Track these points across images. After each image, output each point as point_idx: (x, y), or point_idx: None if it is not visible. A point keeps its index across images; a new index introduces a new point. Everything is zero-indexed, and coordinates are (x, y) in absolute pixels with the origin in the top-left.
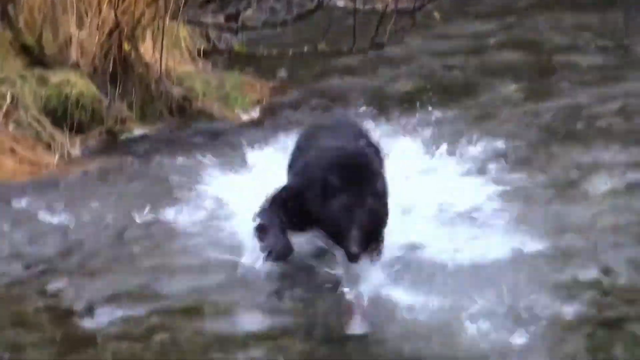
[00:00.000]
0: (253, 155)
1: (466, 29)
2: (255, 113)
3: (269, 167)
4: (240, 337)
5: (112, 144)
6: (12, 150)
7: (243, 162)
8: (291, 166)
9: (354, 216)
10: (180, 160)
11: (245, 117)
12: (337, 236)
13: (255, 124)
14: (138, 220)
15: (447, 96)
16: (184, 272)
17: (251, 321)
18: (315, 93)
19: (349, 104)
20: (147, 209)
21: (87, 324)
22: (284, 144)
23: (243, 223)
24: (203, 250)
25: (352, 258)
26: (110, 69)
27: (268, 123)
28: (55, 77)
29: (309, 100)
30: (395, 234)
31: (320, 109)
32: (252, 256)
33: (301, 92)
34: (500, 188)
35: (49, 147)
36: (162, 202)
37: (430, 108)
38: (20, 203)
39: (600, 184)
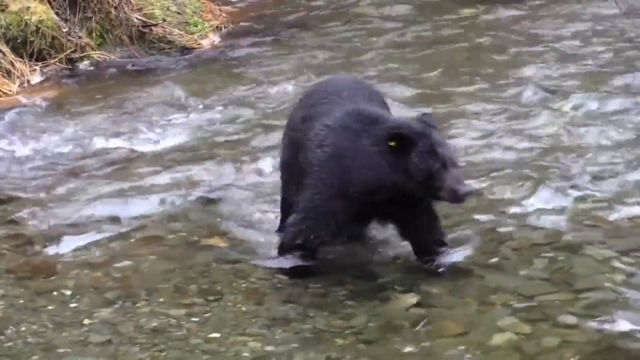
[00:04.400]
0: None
1: None
2: (215, 38)
3: (229, 97)
4: (200, 263)
5: (72, 71)
6: None
7: (202, 91)
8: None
9: (448, 155)
10: (139, 88)
11: (205, 43)
12: (433, 183)
13: (215, 49)
14: (97, 148)
15: None
16: (144, 199)
17: (211, 248)
18: (274, 19)
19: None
20: (106, 137)
21: (48, 252)
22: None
23: (201, 151)
24: (162, 177)
25: (463, 197)
26: None
27: (228, 49)
28: (15, 4)
29: (268, 26)
30: None
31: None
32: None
33: (260, 18)
34: None
35: (8, 74)
36: (121, 131)
37: None
38: None
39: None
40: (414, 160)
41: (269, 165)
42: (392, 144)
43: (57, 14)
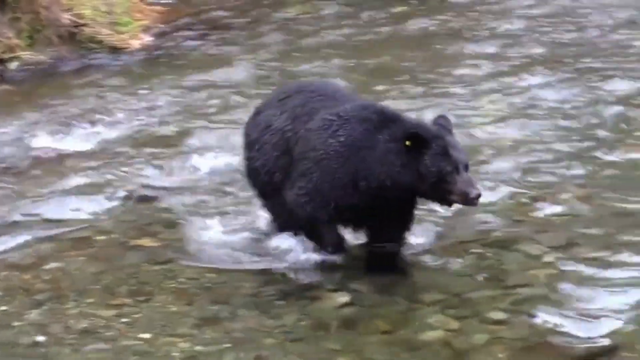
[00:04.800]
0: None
1: None
2: (145, 37)
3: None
4: (129, 264)
5: (2, 72)
6: None
7: (132, 90)
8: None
9: (460, 158)
10: (69, 88)
11: (135, 43)
12: (444, 186)
13: (145, 48)
14: (27, 148)
15: None
16: (73, 199)
17: (140, 248)
18: (204, 18)
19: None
20: (35, 137)
21: None
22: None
23: (131, 151)
24: (92, 177)
25: (474, 200)
26: None
27: (158, 48)
28: None
29: (198, 25)
30: None
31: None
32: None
33: (190, 17)
34: None
35: None
36: (50, 131)
37: None
38: None
39: None
40: (427, 161)
41: (200, 165)
42: (408, 143)
43: None
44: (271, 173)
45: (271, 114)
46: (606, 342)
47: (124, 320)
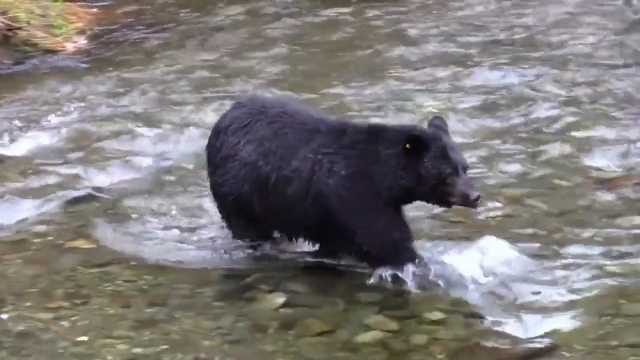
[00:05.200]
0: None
1: None
2: (80, 40)
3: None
4: (66, 267)
5: None
6: None
7: (66, 94)
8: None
9: (459, 159)
10: (3, 92)
11: (70, 46)
12: (444, 188)
13: (80, 51)
14: None
15: None
16: (9, 203)
17: (76, 251)
18: (138, 21)
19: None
20: None
21: None
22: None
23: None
24: (28, 180)
25: (474, 201)
26: None
27: (92, 51)
28: None
29: (132, 28)
30: None
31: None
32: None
33: (125, 20)
34: None
35: None
36: None
37: None
38: None
39: None
40: (427, 164)
41: (136, 166)
42: (408, 146)
43: None
44: (240, 202)
45: (234, 142)
46: (545, 341)
47: (62, 323)
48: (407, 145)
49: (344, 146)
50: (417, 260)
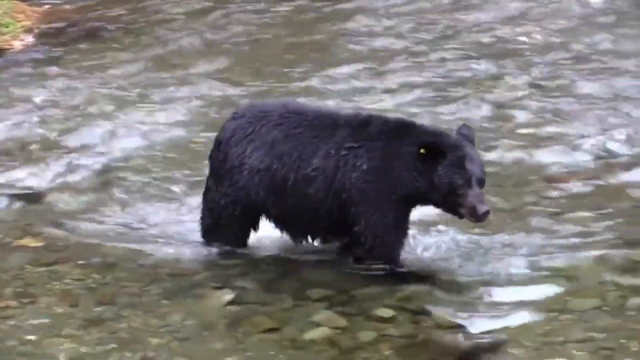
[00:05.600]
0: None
1: None
2: (28, 39)
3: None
4: (14, 266)
5: None
6: None
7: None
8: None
9: (475, 171)
10: None
11: (17, 44)
12: (454, 198)
13: (27, 50)
14: None
15: None
16: None
17: (24, 249)
18: (87, 19)
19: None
20: None
21: None
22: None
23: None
24: None
25: (481, 216)
26: None
27: (39, 50)
28: None
29: (81, 26)
30: None
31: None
32: None
33: (74, 18)
34: None
35: None
36: None
37: None
38: None
39: None
40: (440, 172)
41: (81, 164)
42: (422, 151)
43: None
44: (250, 210)
45: (239, 152)
46: (493, 337)
47: (9, 322)
48: (422, 151)
49: (367, 138)
50: (398, 265)
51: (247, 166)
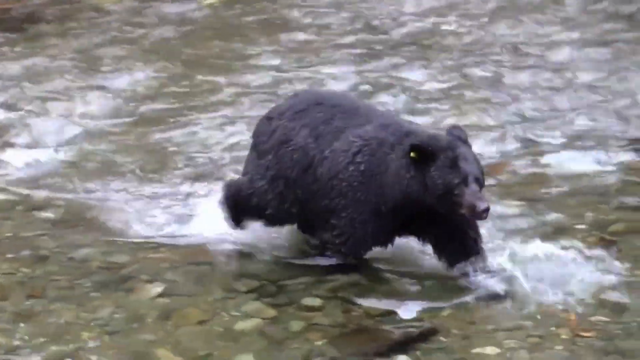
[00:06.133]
0: None
1: None
2: None
3: None
4: None
5: None
6: None
7: None
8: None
9: (470, 170)
10: None
11: None
12: (452, 198)
13: None
14: None
15: None
16: None
17: None
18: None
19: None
20: None
21: None
22: None
23: None
24: None
25: (482, 213)
26: None
27: None
28: None
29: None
30: None
31: None
32: None
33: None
34: None
35: None
36: None
37: None
38: None
39: None
40: (433, 174)
41: (12, 160)
42: (413, 155)
43: None
44: (287, 185)
45: (289, 127)
46: (423, 326)
47: None
48: (412, 154)
49: (376, 139)
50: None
51: (292, 143)
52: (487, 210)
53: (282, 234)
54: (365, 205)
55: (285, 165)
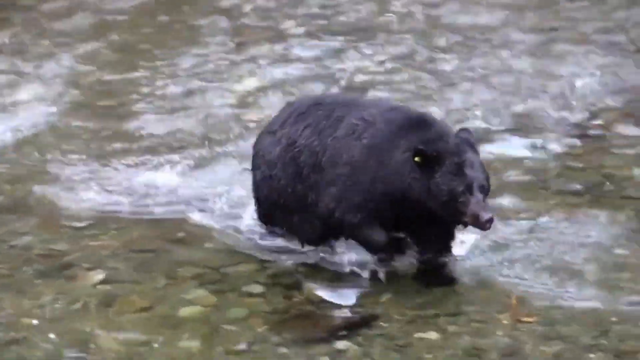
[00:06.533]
0: None
1: None
2: None
3: None
4: None
5: None
6: None
7: None
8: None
9: (476, 177)
10: None
11: None
12: (455, 206)
13: None
14: None
15: None
16: None
17: None
18: None
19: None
20: None
21: None
22: None
23: None
24: None
25: (485, 223)
26: None
27: None
28: None
29: None
30: None
31: None
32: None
33: None
34: None
35: None
36: None
37: None
38: None
39: None
40: (438, 179)
41: None
42: (417, 159)
43: None
44: (298, 190)
45: (292, 131)
46: (364, 311)
47: None
48: (417, 159)
49: (382, 117)
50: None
51: (297, 144)
52: (491, 220)
53: (226, 222)
54: (362, 176)
55: (292, 170)
